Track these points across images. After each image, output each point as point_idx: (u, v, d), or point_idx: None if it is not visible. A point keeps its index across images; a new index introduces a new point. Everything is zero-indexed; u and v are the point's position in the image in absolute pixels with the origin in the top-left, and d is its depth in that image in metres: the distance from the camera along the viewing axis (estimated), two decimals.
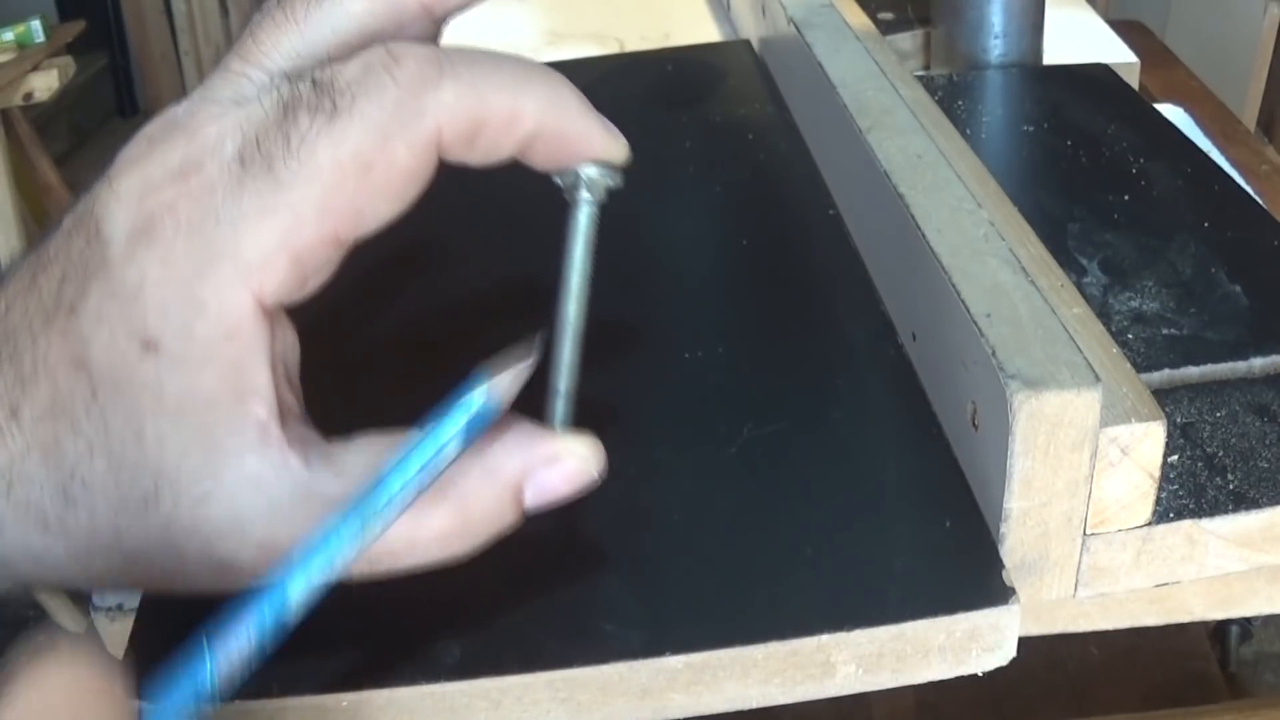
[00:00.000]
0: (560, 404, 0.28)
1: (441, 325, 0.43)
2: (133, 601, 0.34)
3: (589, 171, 0.28)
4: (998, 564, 0.31)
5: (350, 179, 0.24)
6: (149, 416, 0.24)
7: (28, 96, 1.95)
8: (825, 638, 0.29)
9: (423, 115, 0.24)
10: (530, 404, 0.27)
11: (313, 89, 0.24)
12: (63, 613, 1.53)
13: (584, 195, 0.28)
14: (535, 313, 0.29)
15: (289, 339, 0.27)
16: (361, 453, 0.26)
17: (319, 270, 0.25)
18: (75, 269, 0.25)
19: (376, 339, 0.43)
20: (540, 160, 0.27)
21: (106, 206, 0.25)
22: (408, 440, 0.25)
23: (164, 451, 0.24)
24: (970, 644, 0.30)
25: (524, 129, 0.26)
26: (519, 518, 0.27)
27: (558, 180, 0.28)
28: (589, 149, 0.27)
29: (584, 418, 0.28)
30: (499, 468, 0.26)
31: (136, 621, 0.32)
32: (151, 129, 0.26)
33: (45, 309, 0.25)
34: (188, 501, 0.24)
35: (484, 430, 0.26)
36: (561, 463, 0.27)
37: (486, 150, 0.26)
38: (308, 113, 0.24)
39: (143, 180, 0.25)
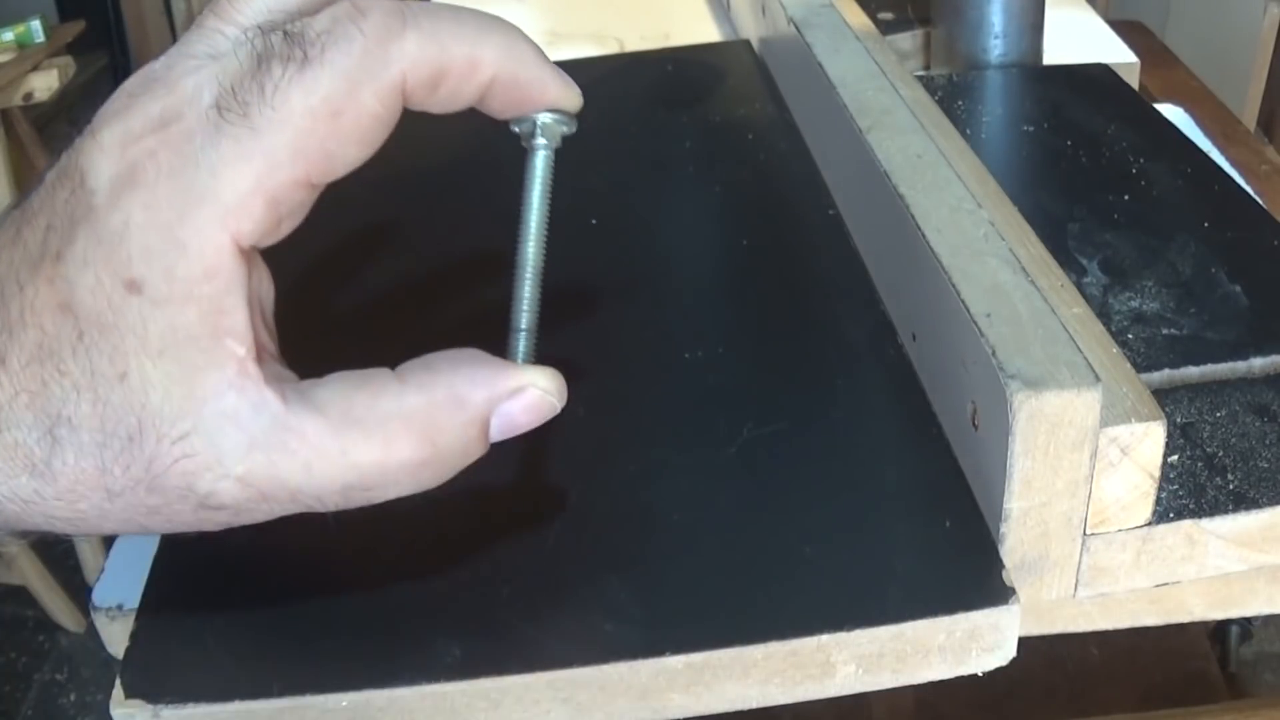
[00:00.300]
0: (522, 340, 0.30)
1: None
2: (132, 601, 0.34)
3: (545, 118, 0.30)
4: (998, 564, 0.31)
5: (321, 124, 0.26)
6: (133, 356, 0.25)
7: (28, 96, 1.95)
8: (825, 638, 0.29)
9: (388, 64, 0.26)
10: (496, 346, 0.29)
11: (284, 40, 0.26)
12: (62, 613, 1.53)
13: (540, 140, 0.30)
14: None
15: (265, 280, 0.28)
16: (336, 389, 0.27)
17: (292, 212, 0.27)
18: (61, 218, 0.26)
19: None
20: (498, 107, 0.29)
21: (90, 157, 0.26)
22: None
23: (147, 390, 0.25)
24: (970, 644, 0.30)
25: (483, 76, 0.28)
26: (485, 447, 0.28)
27: (515, 128, 0.30)
28: (544, 96, 0.29)
29: (584, 415, 0.29)
30: (466, 399, 0.28)
31: (136, 620, 0.32)
32: (131, 84, 0.27)
33: (31, 258, 0.26)
34: (170, 438, 0.26)
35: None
36: (525, 394, 0.29)
37: (448, 97, 0.28)
38: (280, 62, 0.26)
39: (124, 131, 0.26)
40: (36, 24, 2.02)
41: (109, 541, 0.38)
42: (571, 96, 0.30)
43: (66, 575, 1.53)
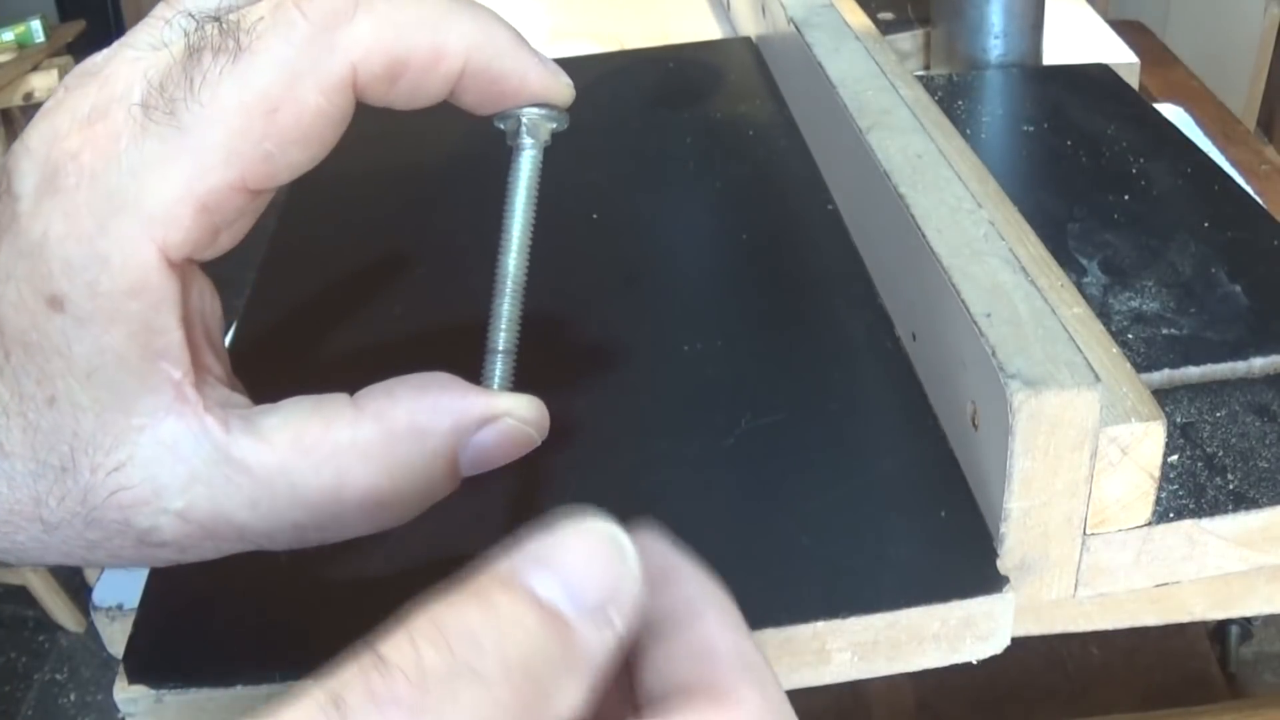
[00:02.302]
0: (499, 363, 0.27)
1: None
2: (132, 601, 0.34)
3: (530, 114, 0.26)
4: (992, 553, 0.31)
5: (257, 121, 0.23)
6: (59, 379, 0.23)
7: (28, 96, 1.95)
8: (821, 625, 0.30)
9: (333, 52, 0.23)
10: (470, 369, 0.26)
11: (219, 29, 0.23)
12: (62, 613, 1.53)
13: (525, 140, 0.27)
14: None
15: (207, 296, 0.26)
16: (286, 417, 0.25)
17: (230, 222, 0.24)
18: None
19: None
20: (473, 101, 0.26)
21: (18, 160, 0.24)
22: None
23: (78, 416, 0.23)
24: (964, 632, 0.30)
25: (450, 67, 0.25)
26: (454, 483, 0.26)
27: (500, 125, 0.27)
28: (526, 89, 0.26)
29: (583, 406, 0.27)
30: (428, 429, 0.25)
31: (139, 608, 0.32)
32: (69, 78, 0.25)
33: None
34: (105, 469, 0.24)
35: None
36: (498, 424, 0.26)
37: (411, 92, 0.25)
38: (211, 53, 0.23)
39: (51, 130, 0.24)
40: (36, 24, 2.02)
41: None
42: (559, 89, 0.27)
43: (66, 575, 1.53)
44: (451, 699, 0.17)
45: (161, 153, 0.23)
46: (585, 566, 0.19)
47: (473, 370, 0.28)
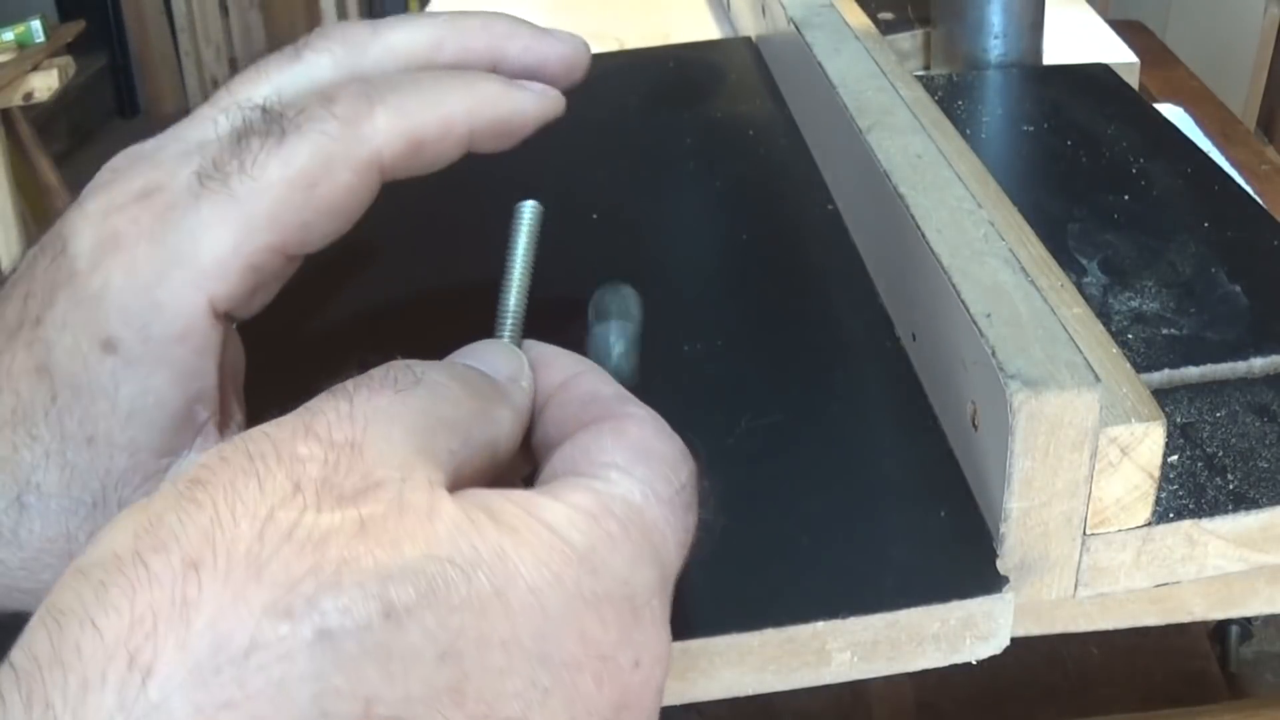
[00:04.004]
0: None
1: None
2: None
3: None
4: (991, 553, 0.31)
5: (298, 193, 0.26)
6: (102, 420, 0.25)
7: (28, 96, 1.95)
8: (820, 625, 0.30)
9: (361, 142, 0.27)
10: None
11: (263, 116, 0.27)
12: None
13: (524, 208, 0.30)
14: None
15: (237, 352, 0.29)
16: None
17: (266, 283, 0.27)
18: (40, 285, 0.26)
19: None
20: (491, 148, 0.30)
21: (74, 225, 0.26)
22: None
23: (113, 455, 0.26)
24: (964, 632, 0.30)
25: (459, 132, 0.28)
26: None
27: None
28: (528, 123, 0.30)
29: None
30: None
31: None
32: (117, 161, 0.28)
33: (9, 327, 0.26)
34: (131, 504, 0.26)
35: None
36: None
37: (434, 159, 0.29)
38: (259, 137, 0.26)
39: (108, 201, 0.26)
40: (36, 24, 2.02)
41: None
42: (552, 107, 0.30)
43: None
44: (420, 388, 0.22)
45: (216, 216, 0.26)
46: (494, 356, 0.26)
47: None
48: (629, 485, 0.23)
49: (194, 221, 0.26)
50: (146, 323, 0.25)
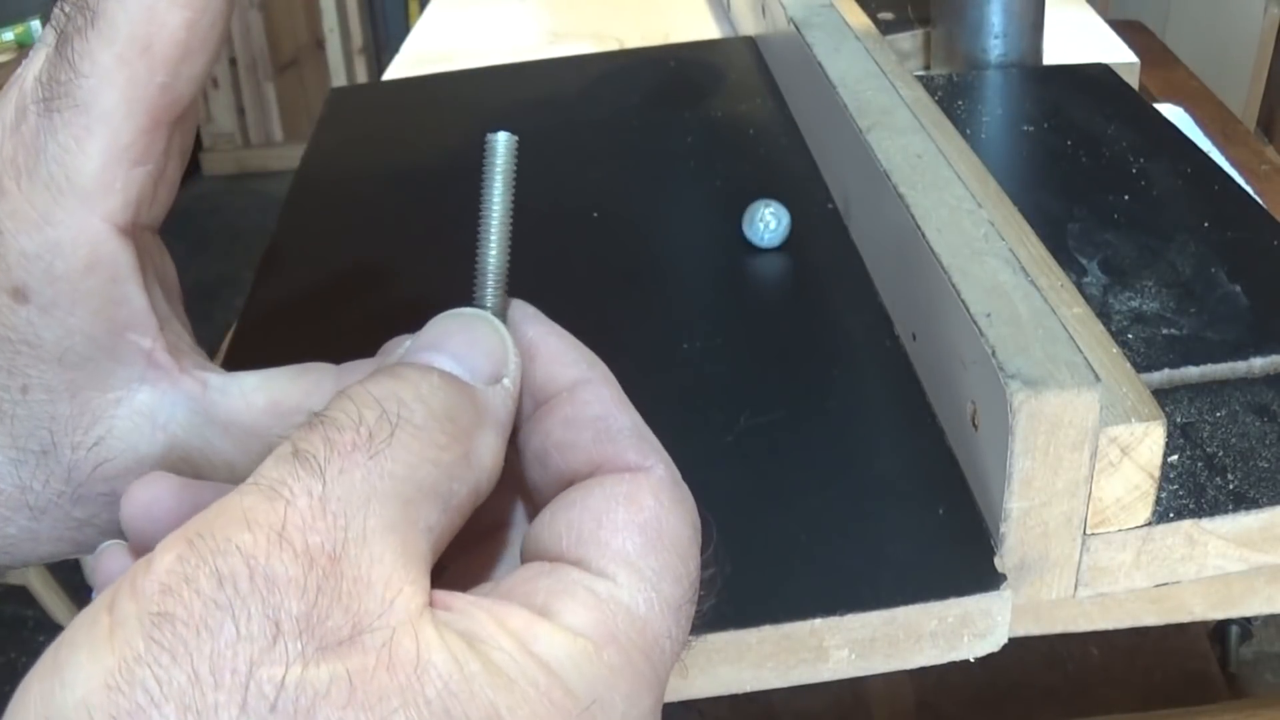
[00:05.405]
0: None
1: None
2: None
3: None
4: (989, 551, 0.31)
5: (138, 63, 0.24)
6: (32, 368, 0.25)
7: None
8: (818, 622, 0.30)
9: None
10: None
11: (74, 8, 0.24)
12: (62, 613, 1.53)
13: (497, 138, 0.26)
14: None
15: (163, 261, 0.27)
16: (269, 380, 0.26)
17: (161, 167, 0.25)
18: None
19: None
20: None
21: None
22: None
23: (54, 401, 0.25)
24: (962, 630, 0.30)
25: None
26: None
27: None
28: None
29: None
30: None
31: None
32: (5, 88, 0.26)
33: None
34: (85, 446, 0.25)
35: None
36: None
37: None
38: (75, 29, 0.24)
39: None
40: (36, 24, 2.02)
41: None
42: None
43: (66, 575, 1.53)
44: (396, 441, 0.20)
45: (73, 134, 0.24)
46: (469, 345, 0.23)
47: None
48: (635, 589, 0.21)
49: (55, 148, 0.24)
50: (49, 264, 0.24)
